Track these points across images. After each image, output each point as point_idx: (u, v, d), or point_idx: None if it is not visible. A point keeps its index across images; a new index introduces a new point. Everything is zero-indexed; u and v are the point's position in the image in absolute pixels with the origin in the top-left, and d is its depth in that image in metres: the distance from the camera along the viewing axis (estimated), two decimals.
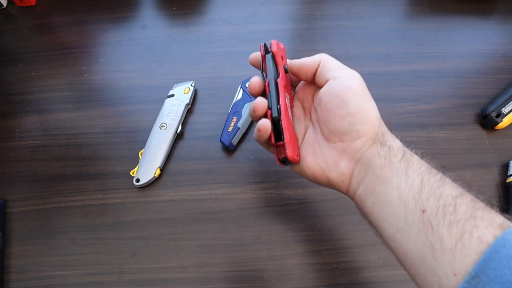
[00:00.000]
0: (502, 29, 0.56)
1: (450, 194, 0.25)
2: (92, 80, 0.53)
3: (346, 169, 0.30)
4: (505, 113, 0.48)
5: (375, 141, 0.29)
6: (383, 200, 0.27)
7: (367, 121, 0.29)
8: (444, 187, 0.25)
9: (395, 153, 0.28)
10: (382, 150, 0.28)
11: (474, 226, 0.23)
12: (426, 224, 0.24)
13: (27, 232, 0.45)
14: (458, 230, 0.23)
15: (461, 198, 0.25)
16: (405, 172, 0.27)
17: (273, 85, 0.31)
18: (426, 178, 0.26)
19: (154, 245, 0.44)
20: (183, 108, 0.49)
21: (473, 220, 0.23)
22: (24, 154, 0.49)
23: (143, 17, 0.57)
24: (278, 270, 0.42)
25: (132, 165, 0.47)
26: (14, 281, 0.42)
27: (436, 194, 0.25)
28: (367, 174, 0.29)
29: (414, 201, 0.25)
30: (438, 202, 0.25)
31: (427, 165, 0.27)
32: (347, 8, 0.58)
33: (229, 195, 0.46)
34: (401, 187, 0.26)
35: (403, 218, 0.26)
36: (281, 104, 0.30)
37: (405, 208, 0.26)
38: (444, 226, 0.24)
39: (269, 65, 0.32)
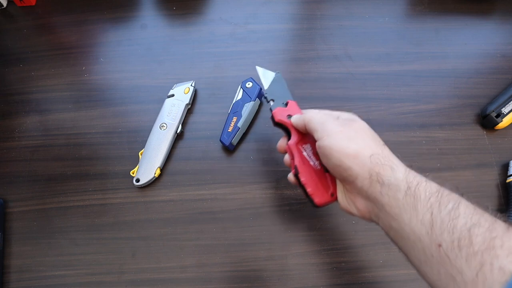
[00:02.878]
0: (502, 29, 0.56)
1: (464, 225, 0.24)
2: (92, 80, 0.53)
3: (361, 206, 0.32)
4: (505, 113, 0.48)
5: (372, 181, 0.29)
6: (400, 234, 0.28)
7: (353, 165, 0.30)
8: (457, 219, 0.25)
9: (398, 188, 0.28)
10: (383, 189, 0.29)
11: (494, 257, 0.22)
12: (443, 258, 0.24)
13: (27, 232, 0.45)
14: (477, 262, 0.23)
15: (476, 228, 0.24)
16: (413, 208, 0.27)
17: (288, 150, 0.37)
18: (436, 211, 0.26)
19: (154, 245, 0.44)
20: (183, 108, 0.49)
21: (492, 251, 0.23)
22: (24, 154, 0.49)
23: (143, 17, 0.57)
24: (278, 270, 0.42)
25: (132, 165, 0.47)
26: (14, 281, 0.42)
27: (449, 228, 0.25)
28: (380, 211, 0.29)
29: (428, 237, 0.25)
30: (452, 235, 0.24)
31: (437, 194, 0.27)
32: (347, 8, 0.58)
33: (229, 195, 0.46)
34: (412, 223, 0.27)
35: (422, 251, 0.26)
36: (297, 162, 0.35)
37: (421, 243, 0.26)
38: (462, 259, 0.23)
39: None
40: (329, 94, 0.52)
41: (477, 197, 0.46)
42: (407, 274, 0.42)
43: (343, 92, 0.52)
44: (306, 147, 0.36)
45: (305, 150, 0.36)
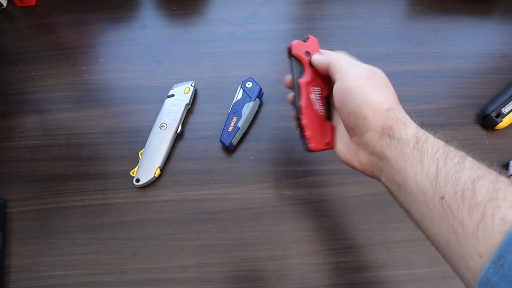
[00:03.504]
0: (502, 29, 0.56)
1: (469, 177, 0.24)
2: (92, 80, 0.53)
3: (364, 159, 0.32)
4: (505, 113, 0.48)
5: (383, 134, 0.29)
6: (404, 189, 0.28)
7: (369, 115, 0.29)
8: (462, 171, 0.25)
9: (406, 143, 0.28)
10: (391, 143, 0.29)
11: (496, 207, 0.22)
12: (446, 210, 0.24)
13: (27, 232, 0.45)
14: (478, 213, 0.23)
15: (481, 180, 0.24)
16: (419, 161, 0.27)
17: (295, 86, 0.35)
18: (442, 164, 0.26)
19: (154, 245, 0.44)
20: (183, 108, 0.49)
21: (494, 202, 0.23)
22: (24, 154, 0.49)
23: (143, 17, 0.57)
24: (278, 270, 0.42)
25: (132, 165, 0.47)
26: (14, 281, 0.42)
27: (454, 180, 0.25)
28: (384, 165, 0.29)
29: (432, 189, 0.26)
30: (456, 187, 0.24)
31: (444, 149, 0.27)
32: (347, 8, 0.58)
33: (229, 195, 0.46)
34: (417, 176, 0.27)
35: (425, 205, 0.26)
36: (302, 103, 0.34)
37: (425, 196, 0.26)
38: (464, 210, 0.23)
39: (291, 68, 0.36)
40: None
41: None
42: (407, 274, 0.42)
43: None
44: (315, 90, 0.35)
45: (314, 92, 0.35)
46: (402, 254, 0.43)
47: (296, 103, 0.35)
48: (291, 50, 0.36)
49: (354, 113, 0.30)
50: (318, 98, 0.35)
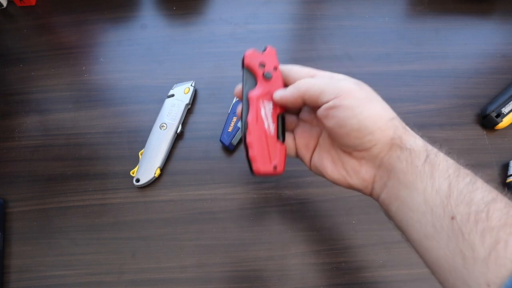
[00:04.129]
0: (502, 29, 0.56)
1: (482, 199, 0.23)
2: (92, 80, 0.53)
3: (367, 175, 0.29)
4: (505, 113, 0.48)
5: (393, 145, 0.27)
6: (408, 205, 0.26)
7: (375, 129, 0.27)
8: (475, 192, 0.23)
9: (418, 155, 0.26)
10: (402, 154, 0.26)
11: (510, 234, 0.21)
12: (456, 231, 0.23)
13: (27, 232, 0.45)
14: (492, 239, 0.21)
15: (494, 204, 0.23)
16: (430, 176, 0.25)
17: (244, 100, 0.31)
18: (454, 182, 0.24)
19: (154, 245, 0.44)
20: (183, 108, 0.49)
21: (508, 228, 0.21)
22: (24, 154, 0.49)
23: (143, 17, 0.57)
24: (278, 270, 0.42)
25: (132, 165, 0.47)
26: (14, 281, 0.42)
27: (467, 200, 0.23)
28: (390, 179, 0.27)
29: (442, 207, 0.24)
30: (469, 208, 0.23)
31: (455, 166, 0.25)
32: (347, 8, 0.58)
33: (229, 195, 0.46)
34: (427, 192, 0.25)
35: (431, 224, 0.24)
36: (249, 119, 0.30)
37: (433, 214, 0.24)
38: (476, 234, 0.22)
39: (243, 79, 0.32)
40: None
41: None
42: (407, 274, 0.42)
43: None
44: (267, 105, 0.31)
45: (265, 107, 0.31)
46: (402, 254, 0.43)
47: (243, 119, 0.31)
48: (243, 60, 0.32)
49: (356, 131, 0.27)
50: (269, 114, 0.31)
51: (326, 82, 0.28)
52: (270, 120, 0.31)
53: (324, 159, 0.31)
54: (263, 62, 0.32)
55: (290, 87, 0.30)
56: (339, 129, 0.27)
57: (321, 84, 0.28)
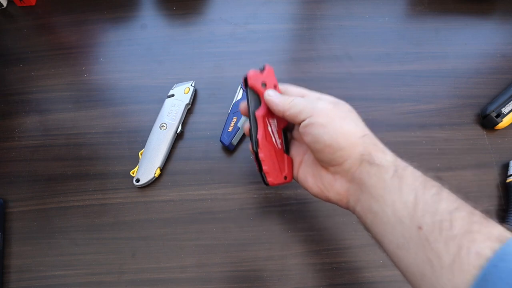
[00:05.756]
0: (502, 29, 0.56)
1: (446, 208, 0.24)
2: (92, 80, 0.53)
3: (341, 189, 0.31)
4: (505, 113, 0.48)
5: (362, 161, 0.29)
6: (380, 218, 0.27)
7: (346, 145, 0.29)
8: (440, 202, 0.25)
9: (386, 170, 0.28)
10: (371, 169, 0.28)
11: (472, 241, 0.22)
12: (423, 240, 0.24)
13: (27, 232, 0.45)
14: (455, 246, 0.23)
15: (457, 212, 0.24)
16: (398, 189, 0.27)
17: (251, 119, 0.34)
18: (420, 194, 0.26)
19: (154, 245, 0.44)
20: (183, 108, 0.49)
21: (470, 235, 0.23)
22: (24, 154, 0.49)
23: (143, 17, 0.57)
24: (278, 270, 0.42)
25: (132, 165, 0.47)
26: (14, 281, 0.42)
27: (431, 210, 0.25)
28: (362, 193, 0.29)
29: (410, 218, 0.25)
30: (433, 218, 0.24)
31: (422, 179, 0.27)
32: (347, 8, 0.58)
33: (229, 195, 0.46)
34: (395, 204, 0.26)
35: (401, 235, 0.26)
36: (259, 136, 0.34)
37: (402, 225, 0.26)
38: (440, 242, 0.23)
39: (248, 99, 0.34)
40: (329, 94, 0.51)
41: (477, 197, 0.46)
42: None
43: (343, 92, 0.51)
44: (272, 122, 0.35)
45: (271, 125, 0.35)
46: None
47: (253, 136, 0.34)
48: (247, 81, 0.34)
49: (329, 147, 0.29)
50: (275, 130, 0.35)
51: (305, 103, 0.31)
52: (276, 136, 0.35)
53: (307, 174, 0.34)
54: (264, 81, 0.34)
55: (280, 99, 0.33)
56: (314, 144, 0.30)
57: (300, 104, 0.31)
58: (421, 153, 0.48)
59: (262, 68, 0.35)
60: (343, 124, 0.29)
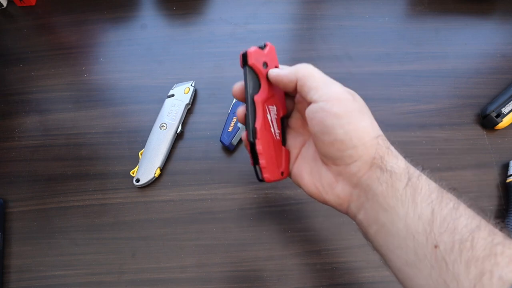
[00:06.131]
0: (502, 29, 0.56)
1: (466, 226, 0.22)
2: (92, 80, 0.53)
3: (342, 192, 0.28)
4: (505, 113, 0.48)
5: (373, 165, 0.26)
6: (388, 230, 0.25)
7: (359, 144, 0.26)
8: (459, 219, 0.22)
9: (399, 178, 0.25)
10: (382, 175, 0.25)
11: (495, 265, 0.20)
12: (439, 261, 0.22)
13: (27, 232, 0.45)
14: (477, 270, 0.20)
15: (478, 232, 0.22)
16: (412, 200, 0.24)
17: (249, 104, 0.29)
18: (437, 208, 0.23)
19: (154, 245, 0.44)
20: (183, 108, 0.49)
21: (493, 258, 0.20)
22: (24, 154, 0.49)
23: (143, 17, 0.57)
24: (278, 270, 0.42)
25: (132, 165, 0.47)
26: (14, 281, 0.42)
27: (450, 228, 0.22)
28: (368, 200, 0.26)
29: (425, 235, 0.23)
30: (453, 237, 0.22)
31: (438, 191, 0.24)
32: (347, 8, 0.58)
33: (229, 195, 0.46)
34: (408, 217, 0.23)
35: (413, 251, 0.23)
36: (257, 125, 0.29)
37: (415, 241, 0.23)
38: (460, 264, 0.21)
39: (246, 80, 0.29)
40: None
41: (477, 197, 0.46)
42: None
43: None
44: (272, 109, 0.30)
45: (270, 112, 0.30)
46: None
47: (250, 124, 0.29)
48: (247, 58, 0.29)
49: (340, 142, 0.26)
50: (274, 119, 0.30)
51: (324, 80, 0.27)
52: (275, 125, 0.30)
53: (303, 170, 0.30)
54: (265, 61, 0.30)
55: (289, 68, 0.29)
56: (322, 136, 0.26)
57: (318, 78, 0.27)
58: (421, 153, 0.48)
59: (264, 46, 0.30)
60: (360, 120, 0.26)
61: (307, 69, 0.28)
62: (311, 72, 0.28)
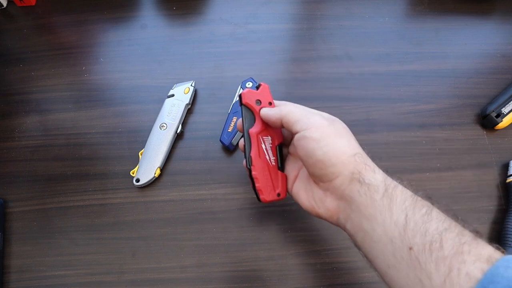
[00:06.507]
0: (502, 29, 0.56)
1: (436, 229, 0.25)
2: (92, 80, 0.53)
3: (331, 205, 0.31)
4: (505, 113, 0.48)
5: (353, 179, 0.29)
6: (370, 236, 0.28)
7: (337, 162, 0.29)
8: (430, 222, 0.25)
9: (376, 189, 0.28)
10: (361, 188, 0.28)
11: (462, 262, 0.23)
12: (414, 261, 0.24)
13: (27, 232, 0.45)
14: (445, 267, 0.23)
15: (447, 233, 0.24)
16: (389, 209, 0.27)
17: (246, 136, 0.35)
18: (410, 214, 0.26)
19: (154, 245, 0.44)
20: (183, 108, 0.49)
21: (460, 256, 0.23)
22: (24, 154, 0.49)
23: (143, 17, 0.57)
24: (278, 270, 0.42)
25: (132, 165, 0.47)
26: (14, 281, 0.42)
27: (422, 231, 0.25)
28: (352, 211, 0.29)
29: (401, 238, 0.25)
30: (424, 238, 0.24)
31: (412, 198, 0.27)
32: (347, 8, 0.58)
33: (229, 195, 0.46)
34: (386, 224, 0.26)
35: (392, 254, 0.26)
36: (252, 154, 0.34)
37: (393, 245, 0.26)
38: (431, 263, 0.24)
39: (242, 116, 0.35)
40: (329, 94, 0.52)
41: (477, 197, 0.46)
42: None
43: (343, 92, 0.52)
44: (266, 140, 0.35)
45: (264, 142, 0.35)
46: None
47: (247, 153, 0.35)
48: (241, 99, 0.35)
49: (321, 162, 0.30)
50: (269, 148, 0.35)
51: (303, 114, 0.32)
52: (270, 153, 0.35)
53: (300, 189, 0.35)
54: (258, 99, 0.35)
55: (275, 109, 0.33)
56: (307, 158, 0.31)
57: (297, 114, 0.32)
58: (421, 153, 0.48)
59: (258, 86, 0.36)
60: (336, 141, 0.30)
61: (287, 107, 0.33)
62: (291, 109, 0.32)
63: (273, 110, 0.33)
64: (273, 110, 0.34)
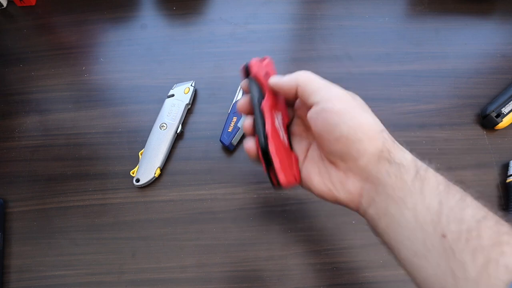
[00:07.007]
0: (502, 29, 0.56)
1: (473, 217, 0.23)
2: (92, 80, 0.53)
3: (353, 188, 0.28)
4: (505, 113, 0.48)
5: (381, 158, 0.26)
6: (397, 221, 0.25)
7: (364, 138, 0.26)
8: (466, 209, 0.23)
9: (407, 170, 0.25)
10: (391, 168, 0.26)
11: (501, 254, 0.21)
12: (447, 250, 0.22)
13: (27, 232, 0.45)
14: (483, 258, 0.21)
15: (485, 221, 0.22)
16: (420, 192, 0.24)
17: (257, 111, 0.30)
18: (445, 199, 0.24)
19: (154, 245, 0.44)
20: (183, 108, 0.49)
21: (499, 247, 0.21)
22: (24, 154, 0.49)
23: (143, 17, 0.57)
24: (278, 270, 0.42)
25: (132, 165, 0.47)
26: (14, 281, 0.42)
27: (457, 217, 0.23)
28: (378, 194, 0.26)
29: (433, 225, 0.23)
30: (460, 226, 0.22)
31: (445, 183, 0.25)
32: (347, 8, 0.58)
33: (229, 195, 0.46)
34: (417, 208, 0.24)
35: (421, 242, 0.24)
36: (267, 130, 0.29)
37: (423, 231, 0.24)
38: (467, 253, 0.21)
39: (251, 90, 0.31)
40: None
41: (477, 197, 0.45)
42: None
43: None
44: (278, 115, 0.31)
45: (278, 118, 0.31)
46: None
47: (261, 130, 0.29)
48: (249, 70, 0.31)
49: (345, 138, 0.26)
50: (281, 125, 0.31)
51: (323, 83, 0.28)
52: (283, 130, 0.31)
53: (311, 172, 0.30)
54: (267, 71, 0.31)
55: (289, 75, 0.29)
56: (327, 134, 0.27)
57: (318, 82, 0.28)
58: (421, 153, 0.47)
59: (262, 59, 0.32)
60: (362, 115, 0.27)
61: (306, 74, 0.29)
62: (310, 77, 0.29)
63: (287, 76, 0.29)
64: (286, 76, 0.29)
